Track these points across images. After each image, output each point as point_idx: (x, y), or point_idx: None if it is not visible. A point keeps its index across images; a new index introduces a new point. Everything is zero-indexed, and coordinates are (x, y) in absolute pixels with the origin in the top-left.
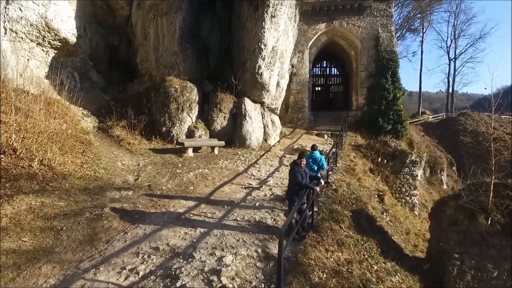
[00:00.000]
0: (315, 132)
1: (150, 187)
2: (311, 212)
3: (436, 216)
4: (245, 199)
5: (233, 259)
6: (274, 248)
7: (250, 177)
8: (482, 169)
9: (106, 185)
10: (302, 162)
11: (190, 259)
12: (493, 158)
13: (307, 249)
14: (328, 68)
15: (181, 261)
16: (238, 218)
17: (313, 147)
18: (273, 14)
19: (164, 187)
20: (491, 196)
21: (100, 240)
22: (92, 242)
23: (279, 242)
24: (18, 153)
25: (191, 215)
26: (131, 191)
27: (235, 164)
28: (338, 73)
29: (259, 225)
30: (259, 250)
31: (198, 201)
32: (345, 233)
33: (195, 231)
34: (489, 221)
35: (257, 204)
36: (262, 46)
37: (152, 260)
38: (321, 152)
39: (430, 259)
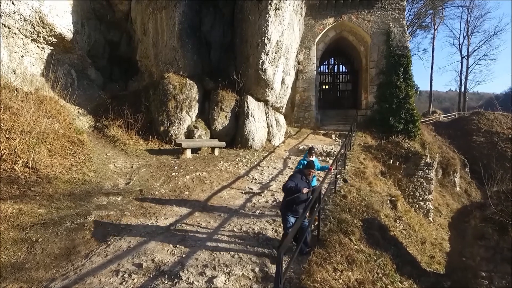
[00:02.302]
0: (322, 132)
1: (141, 192)
2: (317, 223)
3: (457, 227)
4: (244, 206)
5: (225, 280)
6: (274, 267)
7: (251, 181)
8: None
9: (94, 189)
10: (311, 172)
11: (176, 280)
12: None
13: (312, 269)
14: (336, 66)
15: (166, 281)
16: (235, 229)
17: (310, 150)
18: (277, 6)
19: (157, 192)
20: None
21: (79, 254)
22: (69, 256)
23: (276, 271)
24: (0, 154)
25: (183, 225)
26: (120, 197)
27: (236, 166)
28: (346, 70)
29: (258, 237)
30: (257, 269)
31: (192, 208)
32: (356, 247)
33: (186, 245)
34: None
35: (257, 212)
36: (266, 41)
37: (133, 280)
38: (328, 154)
39: (451, 276)
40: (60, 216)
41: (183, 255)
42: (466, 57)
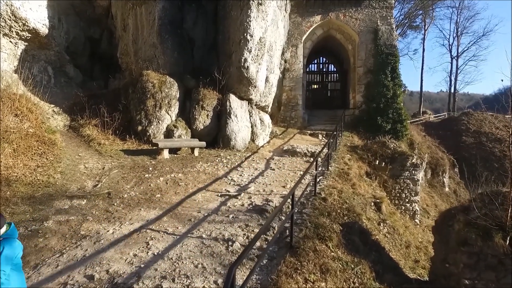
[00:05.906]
0: (309, 132)
1: (109, 194)
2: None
3: (440, 231)
4: (217, 210)
5: None
6: (240, 279)
7: (230, 183)
8: (497, 176)
9: (58, 192)
10: None
11: None
12: (511, 163)
13: (280, 280)
14: (325, 65)
15: None
16: (204, 235)
17: None
18: (260, 2)
19: (126, 195)
20: (510, 210)
21: (27, 265)
22: None
23: None
24: None
25: (148, 230)
26: (85, 200)
27: (215, 167)
28: (336, 69)
29: (227, 244)
30: (220, 280)
31: (161, 213)
32: (332, 254)
33: (147, 253)
34: (508, 241)
35: (230, 216)
36: (248, 37)
37: None
38: (313, 154)
39: (434, 283)
40: (14, 222)
41: (142, 265)
42: (455, 58)
